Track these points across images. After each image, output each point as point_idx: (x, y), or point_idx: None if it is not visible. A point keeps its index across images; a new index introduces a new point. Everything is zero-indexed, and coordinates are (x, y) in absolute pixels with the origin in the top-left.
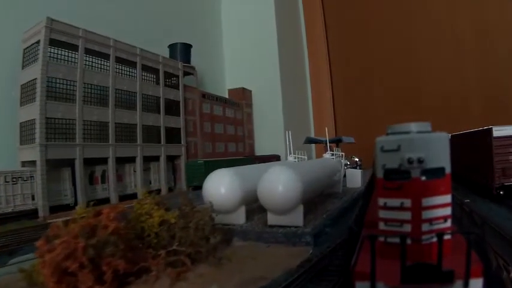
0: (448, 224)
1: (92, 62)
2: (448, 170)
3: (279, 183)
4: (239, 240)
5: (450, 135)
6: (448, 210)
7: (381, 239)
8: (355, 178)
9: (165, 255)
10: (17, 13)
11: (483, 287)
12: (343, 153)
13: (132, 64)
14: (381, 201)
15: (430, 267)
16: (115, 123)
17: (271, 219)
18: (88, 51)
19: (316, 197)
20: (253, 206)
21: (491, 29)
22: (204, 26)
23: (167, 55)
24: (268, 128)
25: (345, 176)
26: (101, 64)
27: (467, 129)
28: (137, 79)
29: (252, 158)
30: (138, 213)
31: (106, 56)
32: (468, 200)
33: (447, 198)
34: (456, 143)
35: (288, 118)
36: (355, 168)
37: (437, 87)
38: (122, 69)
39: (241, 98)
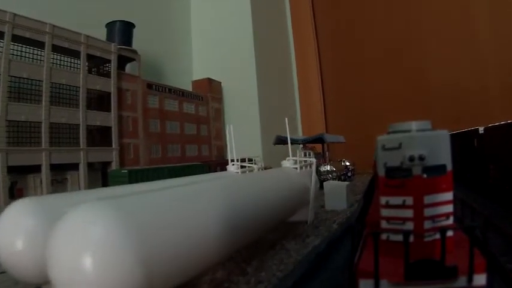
0: (451, 221)
1: None
2: (449, 168)
3: (81, 255)
4: None
5: (483, 128)
6: (450, 208)
7: (383, 237)
8: (338, 195)
9: None
10: None
11: (487, 282)
12: (313, 159)
13: (39, 45)
14: (383, 199)
15: (433, 263)
16: (6, 120)
17: None
18: None
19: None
20: None
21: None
22: (168, 6)
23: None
24: (243, 127)
25: (322, 187)
26: None
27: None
28: (45, 64)
29: (211, 164)
30: None
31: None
32: None
33: (449, 196)
34: (493, 141)
35: (268, 114)
36: (346, 175)
37: (444, 80)
38: (21, 51)
39: (206, 91)
